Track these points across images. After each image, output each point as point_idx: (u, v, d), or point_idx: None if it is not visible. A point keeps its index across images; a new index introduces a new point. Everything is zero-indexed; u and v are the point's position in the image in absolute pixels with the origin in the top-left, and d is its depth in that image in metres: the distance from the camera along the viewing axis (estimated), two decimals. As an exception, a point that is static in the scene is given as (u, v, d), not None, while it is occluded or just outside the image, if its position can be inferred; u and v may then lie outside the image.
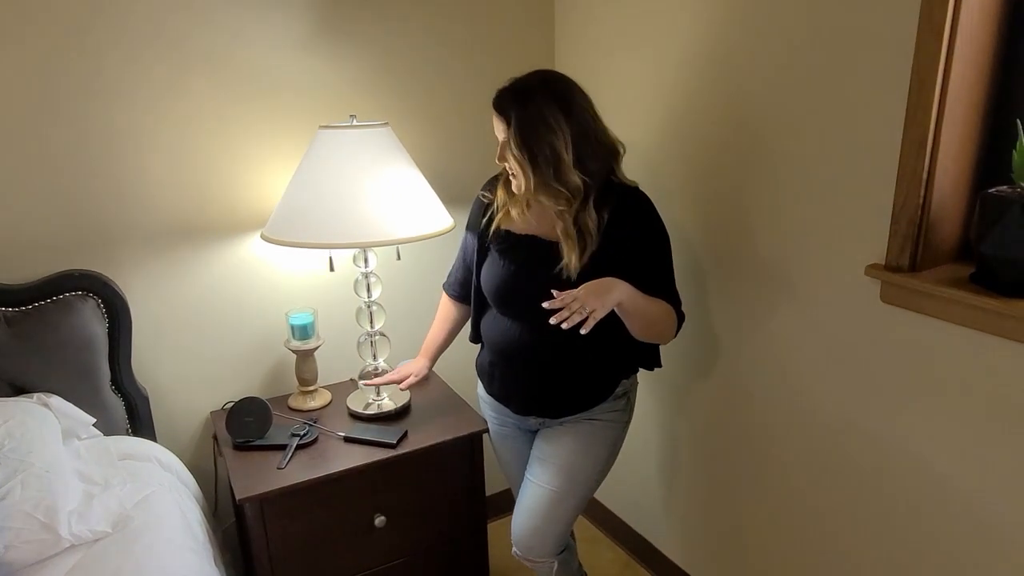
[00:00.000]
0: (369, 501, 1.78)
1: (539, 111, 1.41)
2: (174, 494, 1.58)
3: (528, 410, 1.66)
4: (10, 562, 1.30)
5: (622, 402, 1.66)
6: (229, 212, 1.89)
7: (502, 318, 1.61)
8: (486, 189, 1.68)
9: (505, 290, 1.57)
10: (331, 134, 1.71)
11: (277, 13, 1.82)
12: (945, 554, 1.40)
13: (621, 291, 1.40)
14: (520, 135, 1.42)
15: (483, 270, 1.64)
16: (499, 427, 1.78)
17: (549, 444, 1.65)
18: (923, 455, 1.40)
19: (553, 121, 1.41)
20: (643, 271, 1.49)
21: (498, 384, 1.69)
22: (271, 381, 2.06)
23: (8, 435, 1.42)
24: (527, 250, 1.56)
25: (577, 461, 1.62)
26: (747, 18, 1.58)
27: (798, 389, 1.65)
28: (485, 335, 1.68)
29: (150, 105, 1.73)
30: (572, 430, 1.64)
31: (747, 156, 1.65)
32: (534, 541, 1.65)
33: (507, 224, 1.60)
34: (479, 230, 1.66)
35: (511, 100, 1.44)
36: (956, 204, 1.36)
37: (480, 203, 1.68)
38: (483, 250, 1.65)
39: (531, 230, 1.57)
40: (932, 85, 1.24)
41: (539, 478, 1.64)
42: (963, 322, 1.27)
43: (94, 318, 1.70)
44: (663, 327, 1.53)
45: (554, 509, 1.62)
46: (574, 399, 1.61)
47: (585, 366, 1.57)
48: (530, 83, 1.46)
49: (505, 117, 1.44)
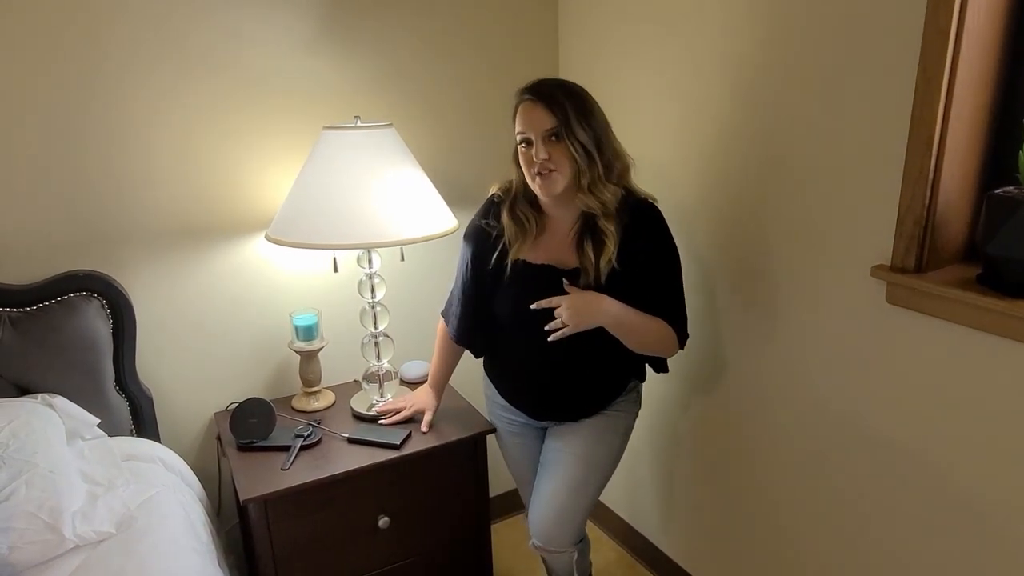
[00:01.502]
0: (373, 502, 1.77)
1: (586, 96, 1.44)
2: (178, 495, 1.58)
3: (542, 416, 1.69)
4: (14, 562, 1.30)
5: (632, 395, 1.70)
6: (233, 213, 1.89)
7: (517, 339, 1.62)
8: (486, 218, 1.62)
9: (524, 320, 1.52)
10: (335, 135, 1.71)
11: (281, 14, 1.83)
12: (947, 554, 1.40)
13: (606, 313, 1.43)
14: (581, 116, 1.40)
15: (498, 302, 1.60)
16: (509, 426, 1.78)
17: (563, 436, 1.66)
18: (929, 455, 1.40)
19: (596, 107, 1.45)
20: (650, 286, 1.49)
21: (511, 392, 1.71)
22: (275, 382, 2.06)
23: (13, 435, 1.42)
24: (545, 280, 1.52)
25: (592, 449, 1.63)
26: (753, 24, 1.58)
27: (803, 389, 1.64)
28: (498, 350, 1.69)
29: (154, 105, 1.73)
30: (583, 425, 1.65)
31: (752, 158, 1.65)
32: (555, 531, 1.65)
33: (521, 254, 1.55)
34: (488, 263, 1.59)
35: (557, 87, 1.42)
36: (962, 205, 1.35)
37: (484, 234, 1.61)
38: (496, 283, 1.60)
39: (547, 259, 1.54)
40: (938, 86, 1.24)
41: (556, 469, 1.64)
42: (969, 323, 1.27)
43: (98, 319, 1.70)
44: (659, 347, 1.55)
45: (573, 498, 1.63)
46: (587, 403, 1.64)
47: (599, 376, 1.61)
48: (559, 79, 1.47)
49: (555, 102, 1.40)
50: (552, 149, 1.42)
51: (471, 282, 1.65)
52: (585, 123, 1.41)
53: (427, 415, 1.85)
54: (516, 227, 1.54)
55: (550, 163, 1.42)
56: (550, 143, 1.42)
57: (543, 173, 1.44)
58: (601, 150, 1.43)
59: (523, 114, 1.44)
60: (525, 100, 1.44)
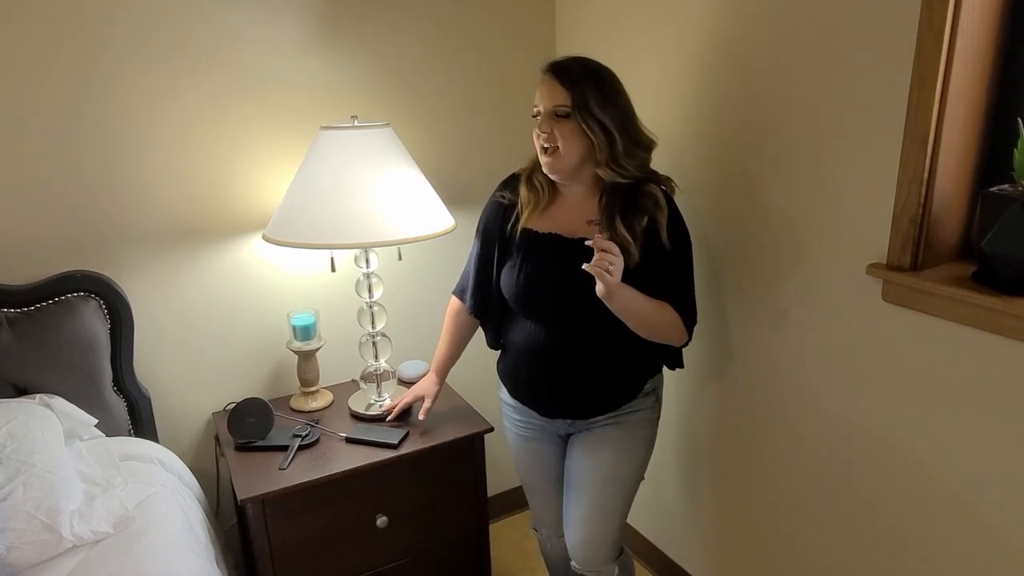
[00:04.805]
0: (371, 502, 1.78)
1: (611, 77, 1.42)
2: (176, 495, 1.58)
3: (556, 412, 1.61)
4: (12, 563, 1.30)
5: (650, 399, 1.62)
6: (230, 213, 1.89)
7: (526, 321, 1.57)
8: (503, 190, 1.62)
9: (528, 292, 1.52)
10: (332, 135, 1.72)
11: (278, 14, 1.83)
12: (941, 552, 1.40)
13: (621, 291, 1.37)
14: (602, 97, 1.39)
15: (504, 273, 1.58)
16: (523, 431, 1.70)
17: (586, 458, 1.61)
18: (924, 453, 1.40)
19: (620, 88, 1.43)
20: (661, 271, 1.46)
21: (523, 387, 1.64)
22: (273, 382, 2.06)
23: (10, 436, 1.43)
24: (551, 248, 1.50)
25: (618, 468, 1.60)
26: (747, 20, 1.59)
27: (799, 388, 1.65)
28: (509, 340, 1.64)
29: (152, 105, 1.73)
30: (607, 440, 1.60)
31: (748, 157, 1.65)
32: (592, 554, 1.64)
33: (529, 223, 1.54)
34: (499, 233, 1.59)
35: (578, 65, 1.41)
36: (957, 203, 1.36)
37: (498, 205, 1.61)
38: (504, 253, 1.59)
39: (554, 228, 1.52)
40: (933, 84, 1.24)
41: (584, 495, 1.61)
42: (964, 321, 1.27)
43: (96, 319, 1.70)
44: (664, 332, 1.49)
45: (606, 519, 1.62)
46: (602, 398, 1.57)
47: (612, 364, 1.54)
48: (585, 59, 1.45)
49: (572, 80, 1.39)
50: (557, 127, 1.41)
51: (486, 254, 1.64)
52: (602, 103, 1.39)
53: (426, 402, 1.82)
54: (530, 194, 1.54)
55: (553, 139, 1.42)
56: (555, 120, 1.41)
57: (547, 148, 1.44)
58: (620, 132, 1.41)
59: (539, 88, 1.44)
60: (544, 75, 1.44)
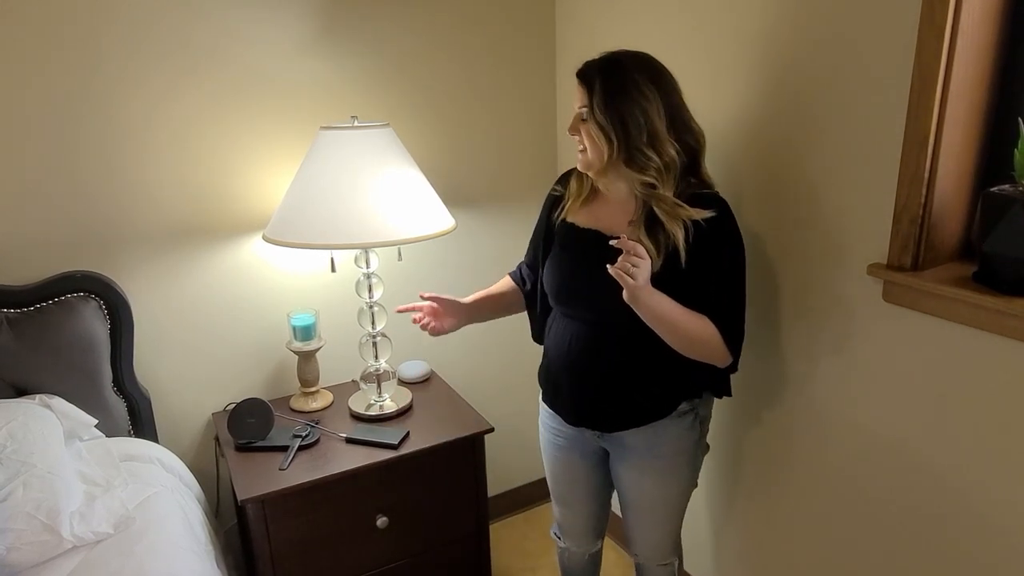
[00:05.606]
0: (371, 502, 1.78)
1: (629, 75, 1.37)
2: (176, 495, 1.58)
3: (579, 419, 1.56)
4: (12, 563, 1.30)
5: (688, 419, 1.53)
6: (230, 213, 1.89)
7: (563, 319, 1.55)
8: (559, 184, 1.64)
9: (562, 285, 1.52)
10: (332, 135, 1.71)
11: (278, 14, 1.83)
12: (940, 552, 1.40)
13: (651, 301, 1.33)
14: (606, 97, 1.36)
15: (546, 264, 1.58)
16: (555, 438, 1.67)
17: (631, 491, 1.62)
18: (925, 453, 1.40)
19: (644, 87, 1.36)
20: (704, 283, 1.40)
21: (552, 389, 1.61)
22: (273, 382, 2.06)
23: (10, 436, 1.42)
24: (589, 244, 1.48)
25: (663, 493, 1.61)
26: (747, 21, 1.59)
27: (798, 388, 1.65)
28: (547, 338, 1.62)
29: (152, 105, 1.73)
30: (647, 472, 1.57)
31: (747, 158, 1.65)
32: (657, 554, 1.70)
33: (572, 217, 1.54)
34: (548, 225, 1.60)
35: (597, 67, 1.40)
36: (958, 203, 1.36)
37: (552, 198, 1.63)
38: (549, 245, 1.60)
39: (596, 224, 1.50)
40: (933, 84, 1.24)
41: (635, 512, 1.65)
42: (965, 321, 1.27)
43: (96, 319, 1.70)
44: (701, 348, 1.41)
45: (662, 527, 1.66)
46: (627, 411, 1.50)
47: (641, 371, 1.48)
48: (617, 54, 1.42)
49: (588, 82, 1.39)
50: (583, 128, 1.41)
51: (537, 242, 1.67)
52: (607, 102, 1.37)
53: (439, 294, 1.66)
54: (578, 187, 1.55)
55: (582, 141, 1.43)
56: (581, 122, 1.42)
57: (581, 149, 1.45)
58: (629, 131, 1.36)
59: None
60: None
